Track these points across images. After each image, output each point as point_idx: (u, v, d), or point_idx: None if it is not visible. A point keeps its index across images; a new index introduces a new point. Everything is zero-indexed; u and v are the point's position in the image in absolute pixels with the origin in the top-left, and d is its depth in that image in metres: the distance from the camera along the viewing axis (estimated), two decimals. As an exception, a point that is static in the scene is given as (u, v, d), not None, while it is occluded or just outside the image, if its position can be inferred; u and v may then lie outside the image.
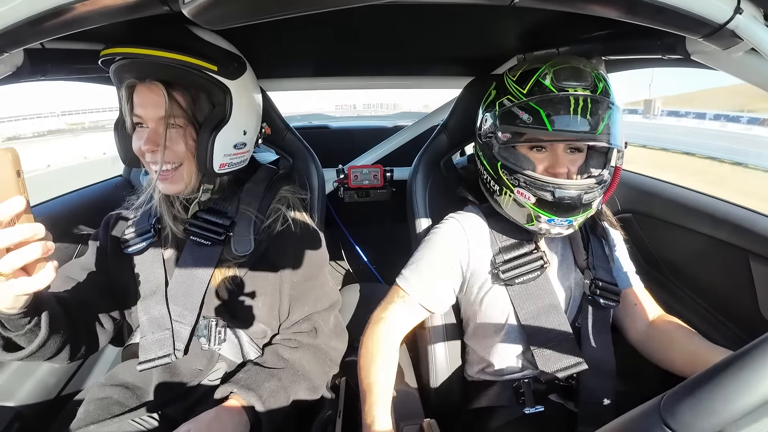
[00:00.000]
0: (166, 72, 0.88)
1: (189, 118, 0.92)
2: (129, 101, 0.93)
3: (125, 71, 0.91)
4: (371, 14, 0.99)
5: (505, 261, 1.06)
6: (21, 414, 1.14)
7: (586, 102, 0.90)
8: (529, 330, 1.04)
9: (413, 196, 1.32)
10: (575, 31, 1.13)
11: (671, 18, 0.63)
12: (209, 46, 0.92)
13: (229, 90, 0.93)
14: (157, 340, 0.97)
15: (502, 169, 1.00)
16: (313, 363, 1.04)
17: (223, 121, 0.94)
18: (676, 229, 1.33)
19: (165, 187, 0.97)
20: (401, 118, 3.46)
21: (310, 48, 1.28)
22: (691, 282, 1.30)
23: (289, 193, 1.13)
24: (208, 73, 0.89)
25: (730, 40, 0.67)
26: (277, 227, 1.05)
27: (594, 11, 0.62)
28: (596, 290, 1.06)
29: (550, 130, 0.92)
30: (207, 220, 1.02)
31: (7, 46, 0.68)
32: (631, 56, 1.12)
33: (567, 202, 0.94)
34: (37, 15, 0.60)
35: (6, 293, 0.63)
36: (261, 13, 0.55)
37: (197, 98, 0.93)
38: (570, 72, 0.93)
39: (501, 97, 1.02)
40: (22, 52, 0.84)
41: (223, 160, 0.97)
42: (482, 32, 1.20)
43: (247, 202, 1.05)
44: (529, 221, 1.01)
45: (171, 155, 0.93)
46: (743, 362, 0.42)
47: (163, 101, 0.89)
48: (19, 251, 0.58)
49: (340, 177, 1.86)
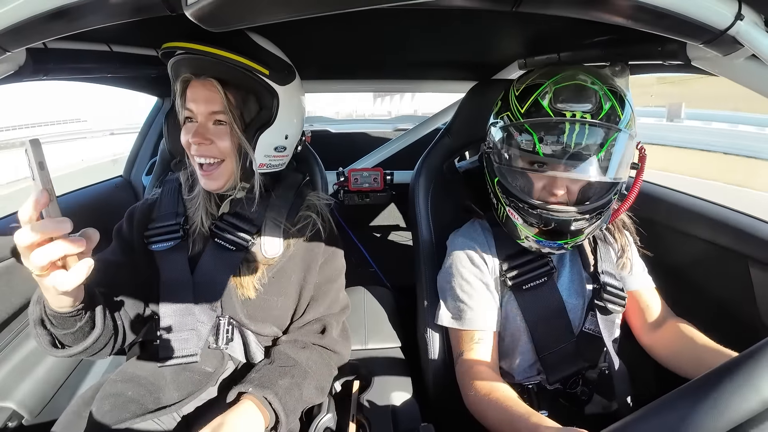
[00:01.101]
0: (222, 71, 0.92)
1: (237, 116, 0.96)
2: (182, 95, 0.97)
3: (183, 65, 0.95)
4: (373, 18, 1.00)
5: (512, 267, 1.06)
6: (18, 414, 1.14)
7: (582, 128, 0.86)
8: (535, 335, 1.04)
9: (415, 199, 1.32)
10: (576, 37, 1.13)
11: (672, 24, 0.63)
12: (264, 52, 0.97)
13: (277, 94, 0.97)
14: (182, 339, 0.99)
15: (498, 186, 1.00)
16: (320, 363, 1.04)
17: (267, 123, 0.98)
18: (677, 235, 1.33)
19: (206, 183, 1.01)
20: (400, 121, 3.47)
21: (312, 51, 1.28)
22: (692, 288, 1.30)
23: (317, 199, 1.15)
24: (261, 76, 0.94)
25: (731, 47, 0.67)
26: (306, 233, 1.08)
27: (595, 17, 0.62)
28: (603, 296, 1.05)
29: (541, 156, 0.89)
30: (234, 224, 1.04)
31: (10, 45, 0.68)
32: (631, 62, 1.12)
33: (555, 228, 0.93)
34: (39, 14, 0.61)
35: (48, 291, 0.65)
36: (263, 17, 0.56)
37: (246, 99, 0.97)
38: (572, 92, 0.88)
39: (503, 111, 0.99)
40: (24, 51, 0.84)
41: (263, 161, 1.01)
42: (484, 37, 1.20)
43: (276, 207, 1.08)
44: (519, 237, 1.01)
45: (215, 151, 0.97)
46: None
47: (215, 97, 0.93)
48: (49, 246, 0.58)
49: (340, 180, 1.86)
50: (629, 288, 1.12)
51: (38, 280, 0.62)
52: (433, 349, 1.17)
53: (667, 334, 1.05)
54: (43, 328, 0.78)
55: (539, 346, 1.04)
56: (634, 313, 1.12)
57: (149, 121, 2.09)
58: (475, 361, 1.01)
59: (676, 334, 1.04)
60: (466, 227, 1.19)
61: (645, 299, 1.11)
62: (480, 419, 0.92)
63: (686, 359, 0.98)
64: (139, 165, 2.05)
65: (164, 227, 1.05)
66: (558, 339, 1.04)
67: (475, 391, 0.94)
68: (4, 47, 0.67)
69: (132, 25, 0.63)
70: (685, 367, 0.98)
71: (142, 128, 2.10)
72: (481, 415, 0.92)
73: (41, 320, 0.77)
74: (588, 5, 0.60)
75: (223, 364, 1.03)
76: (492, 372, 0.99)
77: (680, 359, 1.00)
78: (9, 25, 0.62)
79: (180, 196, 1.10)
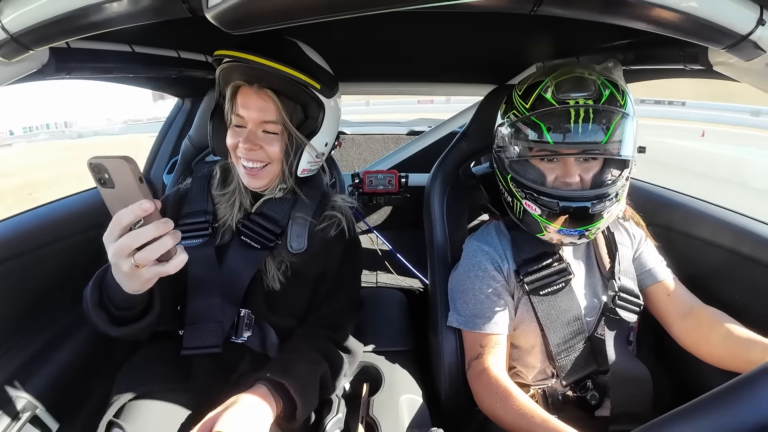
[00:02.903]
0: (276, 82, 0.96)
1: (287, 126, 1.00)
2: (232, 99, 1.01)
3: (236, 72, 0.98)
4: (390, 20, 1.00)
5: (529, 272, 1.06)
6: (33, 405, 1.16)
7: (587, 112, 0.90)
8: (550, 339, 1.04)
9: (431, 203, 1.32)
10: (596, 40, 1.13)
11: (693, 28, 0.62)
12: (314, 65, 1.02)
13: (324, 106, 1.02)
14: (207, 330, 1.02)
15: (512, 182, 1.01)
16: (334, 355, 1.06)
17: (313, 132, 1.03)
18: (694, 242, 1.30)
19: (250, 182, 1.05)
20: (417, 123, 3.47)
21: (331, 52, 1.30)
22: (712, 297, 1.27)
23: (341, 201, 1.19)
24: (312, 90, 0.98)
25: (753, 52, 0.66)
26: (331, 232, 1.12)
27: (615, 21, 0.62)
28: (619, 301, 1.05)
29: (551, 144, 0.92)
30: (260, 224, 1.08)
31: (33, 44, 0.70)
32: (652, 66, 1.11)
33: (574, 213, 0.94)
34: (62, 15, 0.62)
35: (138, 280, 0.71)
36: (283, 20, 0.56)
37: (294, 109, 1.01)
38: (572, 83, 0.93)
39: (508, 111, 1.03)
40: (47, 50, 0.86)
41: (307, 166, 1.07)
42: (502, 39, 1.20)
43: (303, 206, 1.12)
44: (539, 231, 1.01)
45: (263, 155, 1.01)
46: None
47: (269, 107, 0.97)
48: (155, 245, 0.66)
49: (355, 182, 1.87)
50: (649, 283, 1.11)
51: (133, 272, 0.68)
52: (446, 352, 1.17)
53: (697, 321, 1.04)
54: (101, 309, 0.83)
55: (553, 350, 1.04)
56: (660, 306, 1.11)
57: (169, 121, 2.12)
58: (488, 366, 1.01)
59: (706, 321, 1.03)
60: (481, 231, 1.19)
61: (669, 289, 1.10)
62: (497, 417, 0.94)
63: (719, 348, 0.98)
64: (158, 164, 2.08)
65: (193, 224, 1.09)
66: (572, 343, 1.04)
67: (491, 396, 0.96)
68: (28, 46, 0.69)
69: (153, 26, 0.65)
70: (720, 357, 0.98)
71: (162, 128, 2.13)
72: (498, 420, 0.93)
73: (100, 302, 0.82)
74: (608, 8, 0.60)
75: (243, 356, 1.06)
76: (506, 376, 0.99)
77: (713, 349, 1.00)
78: (32, 24, 0.64)
79: (209, 192, 1.14)
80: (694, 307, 1.07)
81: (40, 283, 1.32)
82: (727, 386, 0.45)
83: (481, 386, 1.00)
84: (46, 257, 1.33)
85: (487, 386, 0.98)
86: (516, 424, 0.88)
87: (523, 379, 1.12)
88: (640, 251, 1.15)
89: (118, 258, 0.67)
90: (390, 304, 1.71)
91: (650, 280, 1.12)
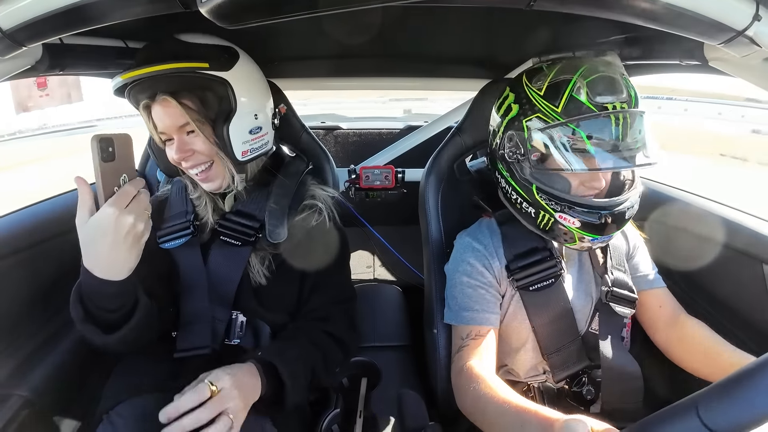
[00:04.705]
0: (168, 83, 0.94)
1: (203, 118, 0.98)
2: (150, 121, 1.00)
3: (136, 94, 0.97)
4: (385, 14, 1.00)
5: (520, 268, 1.05)
6: (31, 401, 1.16)
7: (625, 119, 0.86)
8: (541, 335, 1.04)
9: (426, 198, 1.32)
10: (593, 35, 1.12)
11: (690, 23, 0.62)
12: (196, 47, 0.98)
13: (227, 81, 0.97)
14: (197, 331, 1.03)
15: (539, 193, 0.95)
16: (324, 344, 1.05)
17: (231, 111, 0.99)
18: (689, 238, 1.31)
19: (207, 186, 1.05)
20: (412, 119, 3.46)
21: (323, 47, 1.29)
22: (705, 292, 1.28)
23: (320, 189, 1.18)
24: (202, 71, 0.94)
25: (749, 47, 0.66)
26: (311, 222, 1.10)
27: (612, 15, 0.62)
28: (612, 297, 1.05)
29: (592, 153, 0.87)
30: (236, 221, 1.07)
31: (27, 40, 0.69)
32: (648, 61, 1.11)
33: (614, 220, 0.92)
34: (55, 10, 0.62)
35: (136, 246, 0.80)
36: (279, 13, 0.56)
37: (204, 99, 0.98)
38: (605, 84, 0.87)
39: (529, 114, 0.94)
40: (41, 47, 0.85)
41: (244, 147, 1.02)
42: (498, 34, 1.19)
43: (279, 197, 1.10)
44: (571, 241, 0.98)
45: (201, 157, 1.00)
46: None
47: (175, 112, 0.95)
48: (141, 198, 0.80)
49: (352, 177, 1.86)
50: (642, 288, 1.11)
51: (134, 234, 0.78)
52: (441, 347, 1.17)
53: (681, 332, 1.06)
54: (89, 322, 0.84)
55: (545, 346, 1.04)
56: (647, 313, 1.12)
57: None
58: (471, 360, 0.97)
59: (690, 333, 1.05)
60: (473, 227, 1.18)
61: (658, 298, 1.11)
62: (477, 418, 0.89)
63: (699, 357, 1.00)
64: (153, 161, 2.07)
65: (176, 225, 1.08)
66: (563, 339, 1.04)
67: (474, 387, 0.90)
68: (21, 42, 0.69)
69: (147, 21, 0.64)
70: (698, 366, 1.00)
71: None
72: (480, 412, 0.88)
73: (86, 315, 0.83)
74: (604, 3, 0.60)
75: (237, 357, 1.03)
76: (491, 370, 0.97)
77: (693, 357, 1.02)
78: (25, 20, 0.64)
79: (187, 195, 1.13)
80: (680, 316, 1.09)
81: (39, 279, 1.31)
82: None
83: (463, 379, 0.94)
84: (46, 254, 1.32)
85: (471, 378, 0.92)
86: (500, 413, 0.81)
87: (515, 377, 1.12)
88: (635, 253, 1.15)
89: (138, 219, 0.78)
90: (388, 300, 1.71)
91: (641, 285, 1.12)
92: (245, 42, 1.06)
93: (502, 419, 0.80)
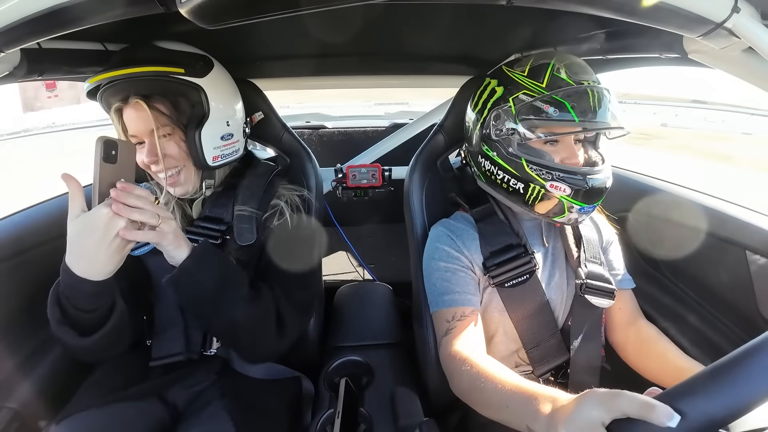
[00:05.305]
0: (142, 86, 0.95)
1: (175, 123, 0.98)
2: (120, 124, 1.00)
3: (109, 97, 0.97)
4: (367, 12, 0.99)
5: (496, 265, 1.05)
6: (20, 414, 1.14)
7: (600, 93, 0.94)
8: (521, 330, 1.05)
9: (410, 195, 1.31)
10: (573, 30, 1.13)
11: (668, 16, 0.63)
12: (172, 53, 0.99)
13: (201, 88, 0.99)
14: (171, 338, 1.04)
15: (529, 165, 0.98)
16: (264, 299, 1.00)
17: (204, 117, 1.00)
18: (674, 228, 1.33)
19: (175, 191, 1.05)
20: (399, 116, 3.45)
21: (305, 46, 1.28)
22: (691, 281, 1.30)
23: (287, 189, 1.17)
24: (177, 76, 0.95)
25: (728, 39, 0.67)
26: (274, 221, 1.09)
27: (591, 10, 0.62)
28: (587, 290, 1.06)
29: (576, 121, 0.94)
30: (204, 227, 1.06)
31: (4, 46, 0.68)
32: (628, 55, 1.12)
33: (597, 189, 0.96)
34: (33, 15, 0.61)
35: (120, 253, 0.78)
36: (258, 12, 0.55)
37: (177, 104, 0.99)
38: (579, 66, 0.97)
39: (514, 92, 0.99)
40: (18, 52, 0.84)
41: (215, 153, 1.04)
42: (481, 31, 1.19)
43: (246, 198, 1.09)
44: (559, 213, 0.99)
45: (171, 161, 1.00)
46: None
47: (147, 116, 0.94)
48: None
49: (338, 176, 1.85)
50: None
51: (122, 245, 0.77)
52: (431, 342, 1.17)
53: (637, 335, 1.10)
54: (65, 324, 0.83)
55: (525, 341, 1.05)
56: (610, 312, 1.13)
57: None
58: (461, 340, 0.96)
59: (644, 336, 1.09)
60: (448, 219, 1.18)
61: (623, 300, 1.13)
62: (473, 398, 0.87)
63: (652, 360, 1.04)
64: None
65: None
66: (543, 334, 1.05)
67: (468, 368, 0.88)
68: (0, 48, 0.68)
69: (126, 23, 0.63)
70: (651, 368, 1.04)
71: None
72: (478, 391, 0.84)
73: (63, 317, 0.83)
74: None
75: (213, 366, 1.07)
76: (482, 349, 0.97)
77: (647, 360, 1.06)
78: (2, 26, 0.63)
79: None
80: (638, 320, 1.12)
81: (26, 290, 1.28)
82: None
83: (453, 365, 0.93)
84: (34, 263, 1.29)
85: (460, 363, 0.90)
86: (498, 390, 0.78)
87: None
88: (609, 249, 1.16)
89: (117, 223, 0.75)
90: (377, 298, 1.71)
91: None
92: (225, 43, 1.05)
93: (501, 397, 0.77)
